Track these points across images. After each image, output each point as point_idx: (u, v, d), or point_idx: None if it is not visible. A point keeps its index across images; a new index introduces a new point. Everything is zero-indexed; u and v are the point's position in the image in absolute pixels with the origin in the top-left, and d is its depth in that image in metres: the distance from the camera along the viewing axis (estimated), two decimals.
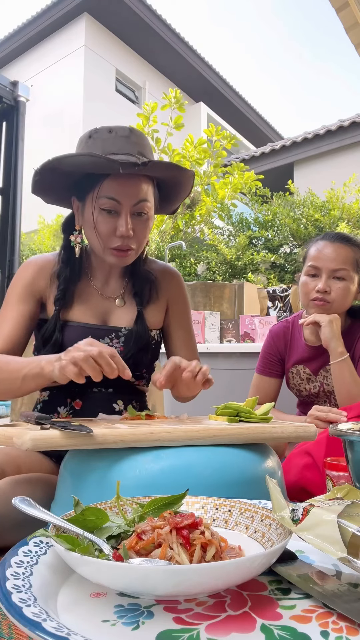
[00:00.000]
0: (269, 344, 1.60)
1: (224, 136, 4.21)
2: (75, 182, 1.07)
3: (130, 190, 1.01)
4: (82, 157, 0.97)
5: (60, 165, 1.01)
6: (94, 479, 0.73)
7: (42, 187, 1.08)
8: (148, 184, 1.05)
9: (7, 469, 0.88)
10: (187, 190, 1.14)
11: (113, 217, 1.03)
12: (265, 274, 4.42)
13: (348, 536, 0.48)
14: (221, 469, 0.73)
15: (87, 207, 1.05)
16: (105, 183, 1.01)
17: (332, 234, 1.48)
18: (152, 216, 1.08)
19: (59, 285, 1.10)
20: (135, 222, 1.04)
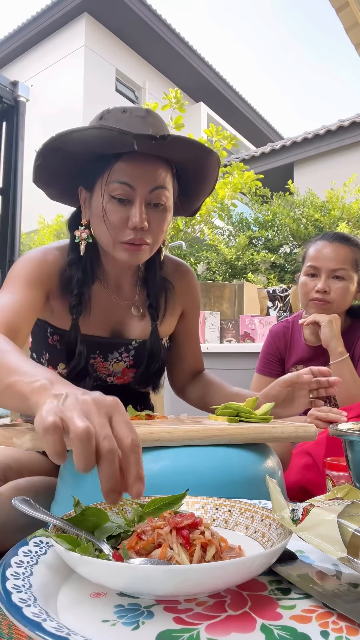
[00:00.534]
0: (269, 344, 1.60)
1: (224, 136, 4.21)
2: (82, 168, 0.94)
3: (146, 175, 0.88)
4: (90, 130, 0.84)
5: (65, 145, 0.87)
6: (94, 479, 0.73)
7: (45, 175, 0.94)
8: (167, 170, 0.91)
9: (9, 474, 0.87)
10: (211, 180, 0.99)
11: (125, 206, 0.89)
12: (265, 274, 4.42)
13: (348, 536, 0.48)
14: (221, 469, 0.73)
15: (95, 196, 0.92)
16: (117, 165, 0.87)
17: (331, 233, 1.48)
18: (170, 208, 0.94)
19: (72, 290, 0.97)
20: (151, 212, 0.91)
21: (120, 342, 1.04)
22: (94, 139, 0.86)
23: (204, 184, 1.00)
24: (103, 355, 1.02)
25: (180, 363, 1.20)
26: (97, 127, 0.84)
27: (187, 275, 1.15)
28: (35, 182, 0.96)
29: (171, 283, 1.10)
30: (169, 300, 1.10)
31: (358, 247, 1.46)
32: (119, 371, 1.05)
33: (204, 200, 1.06)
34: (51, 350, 1.02)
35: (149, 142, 0.83)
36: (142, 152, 0.87)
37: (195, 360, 1.21)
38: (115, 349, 1.03)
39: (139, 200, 0.89)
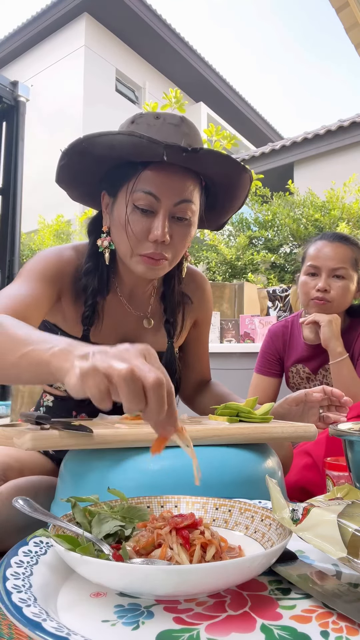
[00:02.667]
0: (267, 344, 1.60)
1: (224, 136, 4.21)
2: (107, 173, 0.90)
3: (172, 186, 0.84)
4: (119, 136, 0.81)
5: (92, 148, 0.84)
6: (94, 479, 0.73)
7: (68, 175, 0.91)
8: (195, 183, 0.87)
9: (9, 473, 0.87)
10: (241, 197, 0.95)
11: (148, 217, 0.86)
12: (265, 274, 4.42)
13: (348, 536, 0.48)
14: (221, 469, 0.73)
15: (118, 204, 0.89)
16: (144, 174, 0.84)
17: (330, 233, 1.49)
18: (195, 223, 0.91)
19: (86, 300, 0.94)
20: (174, 226, 0.87)
21: None
22: (122, 145, 0.82)
23: (233, 200, 0.96)
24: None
25: (187, 371, 1.17)
26: (126, 132, 0.80)
27: (202, 286, 1.12)
28: (57, 182, 0.93)
29: (190, 298, 1.07)
30: (186, 316, 1.07)
31: (357, 246, 1.47)
32: None
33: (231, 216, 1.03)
34: None
35: (180, 154, 0.80)
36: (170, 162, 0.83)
37: (202, 369, 1.19)
38: None
39: (163, 212, 0.85)
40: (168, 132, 0.84)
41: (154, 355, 0.52)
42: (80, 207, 8.47)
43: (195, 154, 0.80)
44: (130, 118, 0.90)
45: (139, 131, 0.82)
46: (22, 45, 11.22)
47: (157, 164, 0.84)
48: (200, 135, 0.91)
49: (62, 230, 7.41)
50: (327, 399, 0.99)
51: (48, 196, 9.75)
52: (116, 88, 11.20)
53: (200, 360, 1.18)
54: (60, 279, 0.93)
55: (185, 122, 0.88)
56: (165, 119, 0.86)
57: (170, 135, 0.83)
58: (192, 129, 0.88)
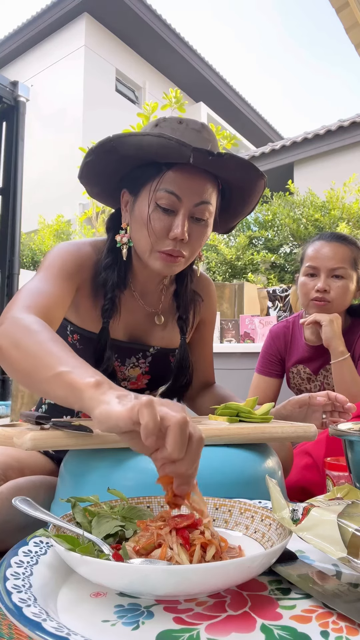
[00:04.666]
0: (268, 344, 1.60)
1: (224, 136, 4.21)
2: (130, 172, 0.94)
3: (194, 188, 0.88)
4: (149, 137, 0.84)
5: (120, 147, 0.87)
6: (94, 479, 0.73)
7: (91, 172, 0.94)
8: (214, 186, 0.92)
9: (9, 473, 0.87)
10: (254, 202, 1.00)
11: (169, 216, 0.89)
12: (265, 274, 4.42)
13: (348, 536, 0.48)
14: (221, 469, 0.73)
15: (139, 201, 0.92)
16: (168, 174, 0.87)
17: (328, 233, 1.49)
18: (211, 224, 0.95)
19: (105, 293, 0.97)
20: (193, 226, 0.91)
21: (139, 347, 1.03)
22: (151, 146, 0.85)
23: (245, 205, 1.00)
24: (121, 359, 1.01)
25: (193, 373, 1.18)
26: (156, 134, 0.83)
27: (208, 287, 1.15)
28: (80, 178, 0.96)
29: (201, 297, 1.11)
30: (197, 314, 1.10)
31: (356, 246, 1.46)
32: (134, 377, 1.05)
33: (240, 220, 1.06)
34: None
35: (206, 157, 0.83)
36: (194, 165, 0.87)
37: (206, 371, 1.19)
38: (133, 354, 1.03)
39: (184, 212, 0.89)
40: (191, 137, 0.88)
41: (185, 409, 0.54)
42: (80, 207, 8.47)
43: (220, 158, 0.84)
44: (153, 121, 0.93)
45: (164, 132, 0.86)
46: (22, 45, 11.22)
47: (180, 165, 0.87)
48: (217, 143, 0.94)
49: (62, 230, 7.41)
50: (331, 404, 0.99)
51: (48, 196, 9.76)
52: (116, 88, 11.21)
53: (204, 361, 1.19)
54: (79, 273, 0.95)
55: (205, 128, 0.92)
56: (188, 124, 0.90)
57: (193, 140, 0.87)
58: (211, 135, 0.92)
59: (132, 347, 1.02)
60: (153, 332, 1.05)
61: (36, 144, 9.72)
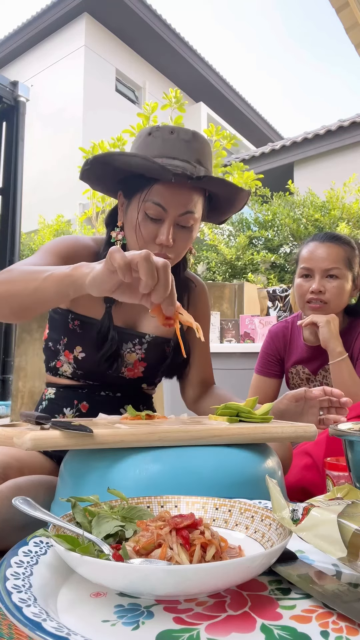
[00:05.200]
0: (268, 345, 1.60)
1: (224, 136, 4.21)
2: (125, 178, 1.02)
3: (179, 200, 0.97)
4: (136, 158, 0.93)
5: (112, 161, 0.97)
6: (94, 479, 0.73)
7: (90, 177, 1.03)
8: (199, 195, 1.00)
9: (9, 472, 0.88)
10: (239, 207, 1.10)
11: (156, 223, 0.98)
12: (265, 274, 4.42)
13: (348, 536, 0.48)
14: (221, 469, 0.73)
15: (131, 207, 1.01)
16: (155, 187, 0.96)
17: (321, 234, 1.48)
18: (196, 228, 1.04)
19: None
20: (178, 232, 1.00)
21: (135, 334, 1.09)
22: (138, 166, 0.95)
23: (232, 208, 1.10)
24: (118, 344, 1.07)
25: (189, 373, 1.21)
26: (142, 157, 0.92)
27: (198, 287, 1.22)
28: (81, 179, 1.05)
29: (193, 282, 1.19)
30: (191, 300, 1.18)
31: (350, 245, 1.46)
32: (130, 363, 1.09)
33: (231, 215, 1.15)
34: (70, 335, 1.06)
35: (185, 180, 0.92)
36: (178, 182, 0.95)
37: (205, 370, 1.22)
38: (130, 340, 1.08)
39: (169, 221, 0.98)
40: (180, 149, 0.96)
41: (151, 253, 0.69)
42: (80, 207, 8.47)
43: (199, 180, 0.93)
44: (148, 129, 1.00)
45: (155, 144, 0.97)
46: (22, 45, 11.22)
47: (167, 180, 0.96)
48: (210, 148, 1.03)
49: (62, 230, 7.41)
50: (328, 399, 1.00)
51: (48, 196, 9.76)
52: (116, 88, 11.20)
53: (202, 360, 1.21)
54: (73, 258, 1.02)
55: (196, 137, 0.99)
56: (179, 134, 0.97)
57: (182, 152, 0.96)
58: (202, 144, 0.99)
59: (130, 332, 1.09)
60: (148, 321, 1.11)
61: (36, 143, 9.72)
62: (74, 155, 6.92)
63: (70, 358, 1.06)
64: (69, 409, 1.08)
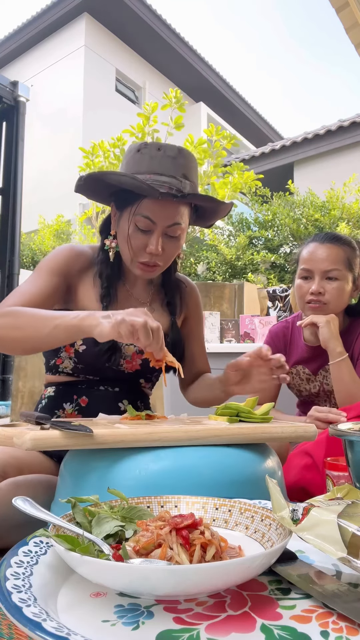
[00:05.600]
0: (268, 344, 1.60)
1: (224, 136, 4.21)
2: (116, 191, 1.10)
3: (166, 213, 1.04)
4: (126, 177, 1.01)
5: (104, 178, 1.06)
6: (94, 479, 0.73)
7: (86, 190, 1.11)
8: (185, 207, 1.08)
9: (8, 470, 0.88)
10: (222, 215, 1.19)
11: (146, 234, 1.06)
12: (265, 274, 4.42)
13: (348, 536, 0.48)
14: (221, 469, 0.73)
15: (123, 219, 1.09)
16: (144, 202, 1.04)
17: (322, 235, 1.48)
18: (183, 237, 1.11)
19: (102, 284, 1.13)
20: (167, 242, 1.08)
21: None
22: (127, 183, 1.02)
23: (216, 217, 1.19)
24: None
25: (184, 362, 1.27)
26: (131, 176, 1.00)
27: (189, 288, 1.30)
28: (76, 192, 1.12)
29: (184, 284, 1.29)
30: (183, 300, 1.27)
31: (350, 246, 1.46)
32: (129, 355, 1.14)
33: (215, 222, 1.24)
34: None
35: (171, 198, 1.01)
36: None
37: (200, 362, 1.30)
38: None
39: (158, 232, 1.06)
40: (167, 165, 1.04)
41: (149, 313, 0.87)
42: (80, 207, 8.47)
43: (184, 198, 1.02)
44: (136, 146, 1.08)
45: (143, 161, 1.04)
46: (22, 45, 11.20)
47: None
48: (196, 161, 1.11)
49: (62, 230, 7.41)
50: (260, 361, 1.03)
51: (48, 196, 9.75)
52: (116, 88, 11.19)
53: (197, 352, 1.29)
54: (68, 270, 1.11)
55: (181, 153, 1.06)
56: (165, 151, 1.05)
57: (168, 168, 1.04)
58: (187, 159, 1.07)
59: None
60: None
61: (36, 144, 9.71)
62: (74, 155, 6.91)
63: (71, 352, 1.10)
64: (69, 404, 1.11)
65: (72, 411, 1.10)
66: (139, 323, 0.82)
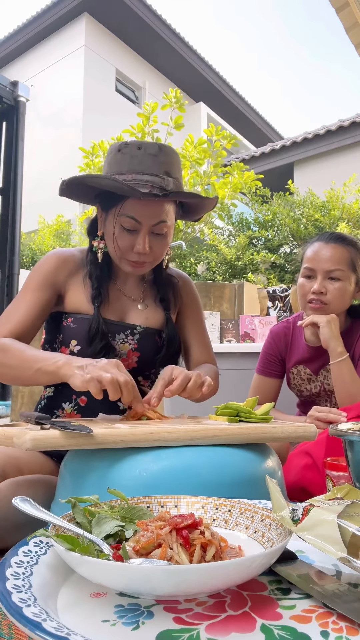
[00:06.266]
0: (269, 345, 1.60)
1: (224, 136, 4.21)
2: (100, 193, 1.10)
3: (151, 211, 1.04)
4: (107, 180, 1.01)
5: (85, 181, 1.06)
6: (94, 479, 0.73)
7: (68, 194, 1.11)
8: (170, 204, 1.08)
9: (8, 470, 0.88)
10: (208, 209, 1.19)
11: (132, 234, 1.06)
12: (265, 274, 4.42)
13: (348, 536, 0.48)
14: (221, 469, 0.73)
15: (109, 220, 1.09)
16: (128, 202, 1.04)
17: (327, 234, 1.48)
18: (171, 234, 1.11)
19: (92, 285, 1.13)
20: (154, 240, 1.08)
21: (126, 325, 1.16)
22: (109, 186, 1.02)
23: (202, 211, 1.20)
24: (111, 335, 1.14)
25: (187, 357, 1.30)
26: (112, 178, 1.00)
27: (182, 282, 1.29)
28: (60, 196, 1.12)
29: (176, 278, 1.28)
30: (176, 293, 1.26)
31: (355, 247, 1.45)
32: (124, 352, 1.15)
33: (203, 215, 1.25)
34: (64, 331, 1.13)
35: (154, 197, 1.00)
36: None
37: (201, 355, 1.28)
38: (122, 331, 1.15)
39: (144, 231, 1.06)
40: (147, 164, 1.03)
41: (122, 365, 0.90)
42: (80, 208, 8.47)
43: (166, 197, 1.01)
44: (117, 145, 1.07)
45: (124, 161, 1.04)
46: (22, 45, 11.20)
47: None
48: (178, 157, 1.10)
49: (62, 230, 7.40)
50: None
51: (48, 196, 9.75)
52: (116, 88, 11.19)
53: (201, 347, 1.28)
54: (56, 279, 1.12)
55: (163, 150, 1.05)
56: (145, 150, 1.04)
57: (150, 166, 1.03)
58: (168, 156, 1.06)
59: (121, 324, 1.16)
60: (138, 315, 1.19)
61: (36, 144, 9.70)
62: (74, 156, 6.91)
63: (67, 353, 1.11)
64: (68, 404, 1.12)
65: (71, 411, 1.11)
66: (106, 379, 0.83)
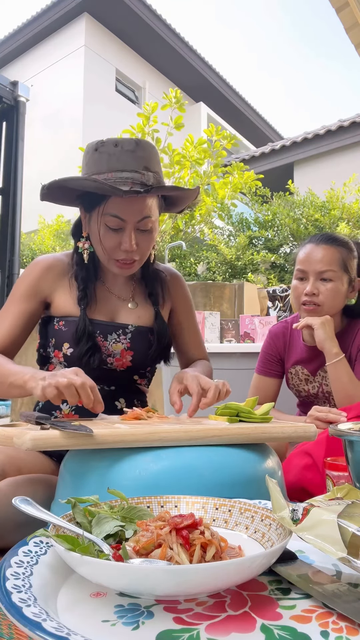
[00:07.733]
0: (268, 344, 1.60)
1: (224, 136, 4.21)
2: (82, 194, 1.09)
3: (134, 208, 1.04)
4: (87, 181, 1.01)
5: (66, 184, 1.05)
6: (94, 479, 0.73)
7: (50, 199, 1.11)
8: (153, 198, 1.07)
9: (7, 470, 0.88)
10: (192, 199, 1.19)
11: (118, 233, 1.06)
12: (265, 274, 4.42)
13: (348, 536, 0.48)
14: (221, 469, 0.73)
15: (93, 220, 1.08)
16: (110, 201, 1.03)
17: (318, 236, 1.47)
18: (156, 228, 1.11)
19: (78, 286, 1.13)
20: (140, 236, 1.07)
21: (118, 325, 1.16)
22: (90, 187, 1.02)
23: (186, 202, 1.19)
24: (103, 335, 1.14)
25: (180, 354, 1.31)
26: (92, 179, 1.00)
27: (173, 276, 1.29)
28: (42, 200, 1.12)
29: (164, 273, 1.27)
30: (165, 288, 1.25)
31: (346, 247, 1.45)
32: (117, 352, 1.15)
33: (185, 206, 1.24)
34: (56, 334, 1.14)
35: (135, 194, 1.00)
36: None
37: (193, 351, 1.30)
38: (114, 331, 1.15)
39: (129, 229, 1.05)
40: (126, 160, 1.03)
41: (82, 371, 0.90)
42: None
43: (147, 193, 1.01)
44: (93, 145, 1.06)
45: (102, 160, 1.03)
46: (22, 45, 11.20)
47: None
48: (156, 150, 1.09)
49: (62, 230, 7.40)
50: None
51: None
52: (116, 88, 11.19)
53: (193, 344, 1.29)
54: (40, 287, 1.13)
55: (140, 145, 1.05)
56: (123, 146, 1.03)
57: (128, 163, 1.02)
58: (146, 151, 1.05)
59: (112, 324, 1.16)
60: (128, 314, 1.18)
61: (36, 143, 9.70)
62: (74, 155, 6.90)
63: (60, 356, 1.12)
64: (66, 404, 1.12)
65: (69, 411, 1.11)
66: (62, 384, 0.84)
